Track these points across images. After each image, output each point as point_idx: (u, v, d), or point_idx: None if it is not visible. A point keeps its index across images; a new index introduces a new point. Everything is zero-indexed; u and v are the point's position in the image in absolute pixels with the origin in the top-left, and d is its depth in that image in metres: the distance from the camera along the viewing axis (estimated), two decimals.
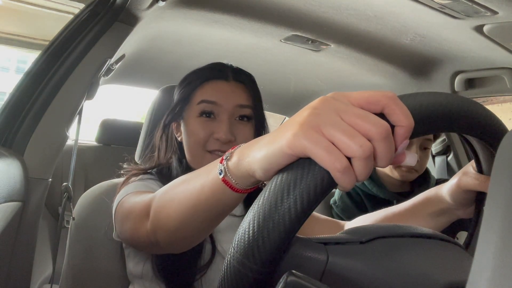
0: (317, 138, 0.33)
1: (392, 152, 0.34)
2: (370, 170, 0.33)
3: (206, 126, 0.82)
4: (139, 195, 0.70)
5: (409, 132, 0.34)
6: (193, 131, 0.83)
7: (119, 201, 0.74)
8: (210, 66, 0.89)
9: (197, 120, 0.83)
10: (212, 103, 0.82)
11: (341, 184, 0.34)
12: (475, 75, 1.42)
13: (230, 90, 0.84)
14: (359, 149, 0.32)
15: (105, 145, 1.97)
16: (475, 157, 0.49)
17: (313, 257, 0.37)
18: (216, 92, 0.83)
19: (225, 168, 0.43)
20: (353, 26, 1.21)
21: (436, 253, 0.42)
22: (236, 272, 0.36)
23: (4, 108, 0.92)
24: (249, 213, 0.37)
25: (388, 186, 1.32)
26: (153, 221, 0.56)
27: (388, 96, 0.35)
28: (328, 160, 0.33)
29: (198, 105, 0.83)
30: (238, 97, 0.83)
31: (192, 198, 0.48)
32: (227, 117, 0.82)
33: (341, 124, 0.33)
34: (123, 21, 1.01)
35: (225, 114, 0.82)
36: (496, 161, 0.24)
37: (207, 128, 0.82)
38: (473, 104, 0.41)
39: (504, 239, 0.21)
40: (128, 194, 0.73)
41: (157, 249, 0.65)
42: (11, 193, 0.80)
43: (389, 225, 0.45)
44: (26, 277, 0.90)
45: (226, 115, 0.82)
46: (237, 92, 0.84)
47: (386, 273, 0.37)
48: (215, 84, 0.84)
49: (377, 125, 0.33)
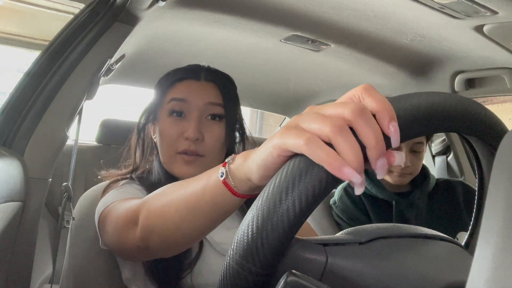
0: (297, 133, 0.35)
1: (376, 131, 0.34)
2: (353, 147, 0.33)
3: (176, 125, 0.81)
4: (123, 202, 0.69)
5: (389, 116, 0.34)
6: (164, 131, 0.82)
7: (102, 211, 0.73)
8: (184, 67, 0.89)
9: (167, 120, 0.83)
10: (182, 100, 0.82)
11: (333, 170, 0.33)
12: (475, 75, 1.42)
13: (200, 88, 0.83)
14: (331, 126, 0.33)
15: (105, 145, 1.97)
16: (475, 157, 0.49)
17: (312, 258, 0.37)
18: (185, 90, 0.83)
19: (227, 170, 0.44)
20: (353, 26, 1.21)
21: (436, 253, 0.42)
22: (235, 273, 0.36)
23: (4, 108, 0.92)
24: (248, 214, 0.37)
25: (387, 187, 1.32)
26: (144, 227, 0.56)
27: (360, 87, 0.36)
28: (306, 148, 0.34)
29: (168, 104, 0.83)
30: (208, 95, 0.83)
31: (192, 201, 0.49)
32: (197, 115, 0.81)
33: (318, 116, 0.35)
34: (123, 21, 1.01)
35: (194, 112, 0.81)
36: (496, 161, 0.24)
37: (177, 127, 0.81)
38: (473, 104, 0.41)
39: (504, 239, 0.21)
40: (111, 204, 0.73)
41: (145, 255, 0.65)
42: (11, 193, 0.80)
43: (388, 225, 0.45)
44: (26, 277, 0.90)
45: (196, 113, 0.81)
46: (208, 90, 0.83)
47: (385, 274, 0.37)
48: (186, 83, 0.84)
49: (349, 105, 0.34)
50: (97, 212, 0.77)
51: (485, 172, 0.50)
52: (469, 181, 1.73)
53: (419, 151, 1.28)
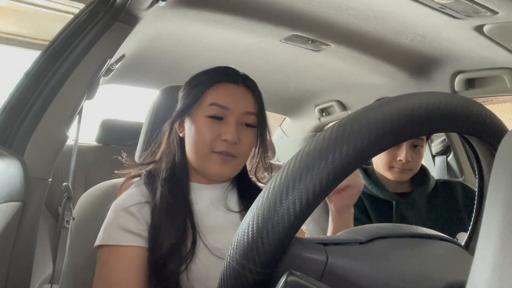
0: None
1: None
2: None
3: (214, 127, 0.84)
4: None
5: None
6: (200, 131, 0.85)
7: (101, 245, 0.78)
8: (219, 68, 0.91)
9: (205, 121, 0.85)
10: (223, 107, 0.85)
11: None
12: (475, 75, 1.42)
13: (240, 96, 0.87)
14: None
15: (105, 145, 1.97)
16: (475, 157, 0.49)
17: (313, 258, 0.37)
18: (227, 96, 0.86)
19: None
20: (353, 26, 1.21)
21: (436, 253, 0.42)
22: (235, 273, 0.36)
23: (4, 108, 0.92)
24: (248, 214, 0.37)
25: (387, 187, 1.32)
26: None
27: None
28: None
29: (209, 106, 0.85)
30: (247, 104, 0.87)
31: None
32: (235, 121, 0.85)
33: None
34: (123, 21, 1.01)
35: (233, 117, 0.85)
36: (496, 161, 0.24)
37: (215, 129, 0.84)
38: (473, 104, 0.41)
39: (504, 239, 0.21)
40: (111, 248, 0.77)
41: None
42: (11, 193, 0.80)
43: (388, 225, 0.45)
44: (26, 277, 0.90)
45: (234, 118, 0.85)
46: (246, 99, 0.87)
47: (385, 273, 0.37)
48: (227, 87, 0.87)
49: None
50: (100, 234, 0.80)
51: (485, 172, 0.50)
52: (469, 181, 1.73)
53: (419, 146, 1.28)
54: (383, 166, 1.29)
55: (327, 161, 0.35)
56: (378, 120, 0.36)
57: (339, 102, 1.96)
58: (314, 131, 2.22)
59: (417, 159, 1.29)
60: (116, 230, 0.79)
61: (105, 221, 0.81)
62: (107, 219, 0.81)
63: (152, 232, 0.78)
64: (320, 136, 0.37)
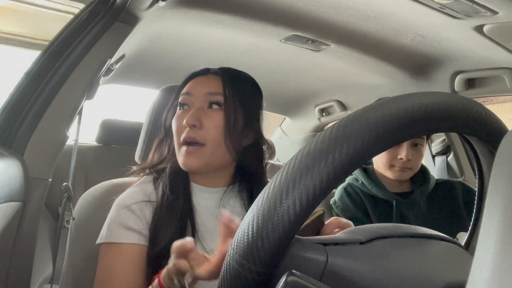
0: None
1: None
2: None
3: (181, 116, 0.84)
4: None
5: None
6: (173, 124, 0.86)
7: (103, 242, 0.79)
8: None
9: (176, 114, 0.87)
10: (187, 94, 0.86)
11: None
12: (475, 75, 1.42)
13: (203, 81, 0.87)
14: None
15: (105, 145, 1.97)
16: (475, 157, 0.49)
17: (313, 258, 0.37)
18: (191, 84, 0.87)
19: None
20: (353, 26, 1.21)
21: (436, 253, 0.42)
22: (235, 273, 0.36)
23: (4, 108, 0.92)
24: (248, 214, 0.37)
25: (388, 186, 1.32)
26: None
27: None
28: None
29: (179, 99, 0.87)
30: (209, 85, 0.86)
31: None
32: (197, 106, 0.84)
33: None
34: (123, 21, 1.01)
35: (196, 103, 0.85)
36: (496, 161, 0.24)
37: (181, 118, 0.84)
38: (473, 104, 0.41)
39: (504, 239, 0.21)
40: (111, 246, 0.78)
41: None
42: (11, 193, 0.80)
43: (388, 225, 0.45)
44: (26, 277, 0.90)
45: (197, 103, 0.84)
46: (209, 82, 0.87)
47: (385, 273, 0.37)
48: (194, 79, 0.89)
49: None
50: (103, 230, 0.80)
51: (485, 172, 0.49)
52: (469, 181, 1.73)
53: (420, 145, 1.28)
54: (384, 165, 1.29)
55: (327, 161, 0.35)
56: (378, 120, 0.36)
57: (339, 102, 1.96)
58: (314, 131, 2.22)
59: (418, 158, 1.29)
60: (117, 227, 0.79)
61: (107, 219, 0.82)
62: (109, 217, 0.82)
63: (153, 230, 0.79)
64: (320, 136, 0.37)
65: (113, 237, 0.78)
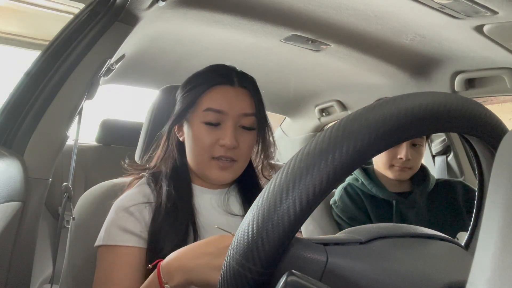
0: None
1: None
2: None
3: (212, 132, 0.83)
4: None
5: None
6: (198, 137, 0.83)
7: (101, 244, 0.79)
8: (214, 69, 0.88)
9: (202, 127, 0.83)
10: (219, 112, 0.82)
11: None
12: (475, 75, 1.42)
13: (235, 98, 0.84)
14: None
15: (105, 145, 1.97)
16: (475, 157, 0.49)
17: (313, 258, 0.37)
18: (222, 100, 0.83)
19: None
20: (353, 26, 1.21)
21: (436, 253, 0.42)
22: (235, 273, 0.36)
23: (4, 108, 0.92)
24: (248, 214, 0.37)
25: (387, 186, 1.32)
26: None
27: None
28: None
29: (204, 112, 0.83)
30: (243, 105, 0.84)
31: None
32: (232, 124, 0.83)
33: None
34: (123, 21, 1.01)
35: (230, 121, 0.83)
36: (496, 161, 0.24)
37: (213, 134, 0.82)
38: (473, 104, 0.41)
39: (504, 239, 0.21)
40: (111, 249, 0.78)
41: None
42: (11, 193, 0.80)
43: (388, 225, 0.45)
44: (26, 277, 0.90)
45: (231, 122, 0.83)
46: (242, 99, 0.85)
47: (386, 273, 0.37)
48: (221, 90, 0.84)
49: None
50: (101, 234, 0.80)
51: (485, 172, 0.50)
52: (469, 181, 1.73)
53: (419, 145, 1.28)
54: (383, 164, 1.29)
55: (327, 161, 0.35)
56: (378, 120, 0.36)
57: (339, 102, 1.96)
58: (314, 131, 2.22)
59: (417, 157, 1.29)
60: (116, 230, 0.79)
61: (106, 221, 0.81)
62: (108, 219, 0.81)
63: (153, 232, 0.78)
64: (320, 136, 0.37)
65: (111, 239, 0.78)
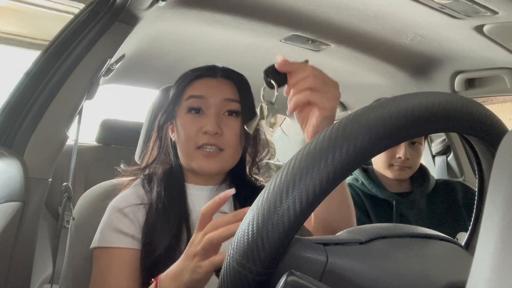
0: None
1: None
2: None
3: (195, 121, 0.83)
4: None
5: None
6: (183, 127, 0.84)
7: (97, 247, 0.79)
8: (201, 67, 0.90)
9: (186, 117, 0.84)
10: (199, 97, 0.83)
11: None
12: (475, 75, 1.42)
13: (217, 85, 0.85)
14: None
15: (105, 145, 1.97)
16: (475, 157, 0.49)
17: (313, 258, 0.37)
18: (203, 87, 0.85)
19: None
20: (353, 26, 1.21)
21: (436, 253, 0.42)
22: (235, 273, 0.36)
23: (4, 108, 0.92)
24: (248, 214, 0.37)
25: (387, 186, 1.32)
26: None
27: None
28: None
29: (187, 101, 0.84)
30: (225, 91, 0.85)
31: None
32: (215, 111, 0.83)
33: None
34: (123, 21, 1.01)
35: (212, 108, 0.83)
36: (496, 161, 0.24)
37: (196, 123, 0.83)
38: (473, 104, 0.41)
39: (504, 239, 0.21)
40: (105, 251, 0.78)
41: None
42: (11, 193, 0.80)
43: (389, 225, 0.45)
44: (26, 277, 0.90)
45: (214, 109, 0.83)
46: (224, 87, 0.86)
47: (385, 273, 0.37)
48: (203, 81, 0.86)
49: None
50: (97, 235, 0.80)
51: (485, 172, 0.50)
52: (469, 181, 1.73)
53: (418, 143, 1.28)
54: (383, 164, 1.29)
55: (327, 161, 0.35)
56: (378, 120, 0.36)
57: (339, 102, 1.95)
58: None
59: (416, 156, 1.29)
60: (110, 232, 0.79)
61: (101, 222, 0.81)
62: (103, 220, 0.81)
63: (146, 233, 0.78)
64: (320, 136, 0.37)
65: (106, 241, 0.78)
